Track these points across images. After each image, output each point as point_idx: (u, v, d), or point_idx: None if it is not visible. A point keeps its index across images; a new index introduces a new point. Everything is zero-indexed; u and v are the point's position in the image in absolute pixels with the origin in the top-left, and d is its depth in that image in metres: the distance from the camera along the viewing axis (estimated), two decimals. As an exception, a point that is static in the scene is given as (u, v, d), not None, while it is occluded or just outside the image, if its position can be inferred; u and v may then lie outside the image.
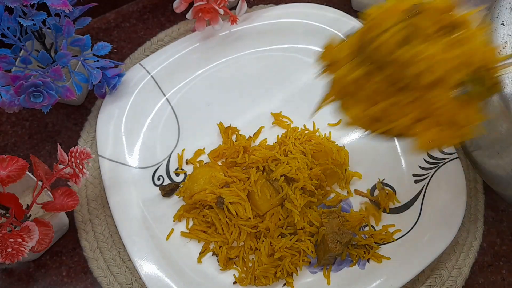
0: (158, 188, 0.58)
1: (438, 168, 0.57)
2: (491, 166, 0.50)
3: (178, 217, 0.56)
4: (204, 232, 0.55)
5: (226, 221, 0.54)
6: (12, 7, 0.50)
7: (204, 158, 0.60)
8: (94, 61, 0.57)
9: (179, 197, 0.57)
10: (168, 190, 0.57)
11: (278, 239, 0.53)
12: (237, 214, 0.53)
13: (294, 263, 0.53)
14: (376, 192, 0.58)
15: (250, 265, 0.53)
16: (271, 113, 0.62)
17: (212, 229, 0.55)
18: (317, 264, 0.54)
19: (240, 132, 0.61)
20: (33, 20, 0.52)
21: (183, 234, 0.56)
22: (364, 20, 0.39)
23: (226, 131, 0.61)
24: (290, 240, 0.52)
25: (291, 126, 0.61)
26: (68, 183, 0.55)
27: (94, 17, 0.69)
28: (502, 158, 0.46)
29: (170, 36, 0.69)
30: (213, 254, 0.55)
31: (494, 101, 0.45)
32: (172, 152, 0.61)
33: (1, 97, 0.50)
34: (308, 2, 0.70)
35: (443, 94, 0.37)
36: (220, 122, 0.62)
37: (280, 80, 0.65)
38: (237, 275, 0.53)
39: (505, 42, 0.44)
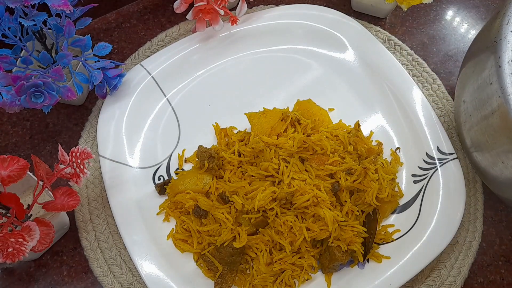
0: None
1: (437, 169, 0.57)
2: (494, 171, 0.49)
3: (161, 209, 0.57)
4: (185, 241, 0.55)
5: (198, 230, 0.54)
6: (13, 7, 0.50)
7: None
8: (95, 62, 0.57)
9: (165, 193, 0.57)
10: (162, 187, 0.57)
11: (278, 251, 0.53)
12: (237, 210, 0.54)
13: (294, 277, 0.53)
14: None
15: (248, 271, 0.53)
16: (271, 113, 0.62)
17: (190, 240, 0.55)
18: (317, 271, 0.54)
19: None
20: (34, 20, 0.52)
21: (174, 242, 0.55)
22: None
23: (221, 132, 0.61)
24: (292, 257, 0.52)
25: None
26: (69, 183, 0.55)
27: (94, 18, 0.70)
28: (506, 167, 0.46)
29: (170, 36, 0.69)
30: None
31: (499, 111, 0.44)
32: (172, 152, 0.61)
33: (2, 97, 0.50)
34: (308, 3, 0.71)
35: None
36: (216, 123, 0.62)
37: (280, 80, 0.65)
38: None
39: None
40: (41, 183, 0.48)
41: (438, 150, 0.58)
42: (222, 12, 0.60)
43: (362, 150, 0.57)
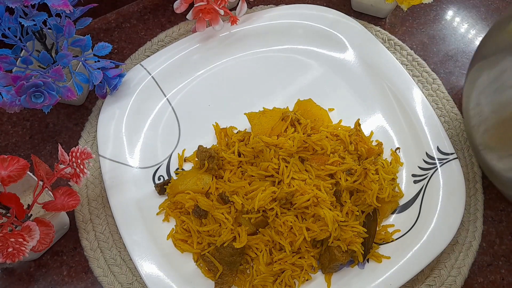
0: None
1: (437, 169, 0.57)
2: (500, 167, 0.49)
3: (161, 209, 0.57)
4: (185, 241, 0.55)
5: (198, 230, 0.54)
6: (13, 7, 0.50)
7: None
8: (95, 62, 0.57)
9: (165, 193, 0.57)
10: (161, 187, 0.57)
11: (278, 251, 0.53)
12: (237, 210, 0.54)
13: (294, 277, 0.53)
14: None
15: (248, 271, 0.53)
16: (271, 113, 0.62)
17: (190, 240, 0.55)
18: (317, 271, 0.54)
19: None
20: (34, 20, 0.52)
21: (173, 242, 0.55)
22: None
23: (221, 132, 0.61)
24: (292, 257, 0.52)
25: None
26: (69, 183, 0.55)
27: (94, 18, 0.70)
28: None
29: (170, 36, 0.69)
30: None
31: (509, 103, 0.43)
32: (172, 152, 0.61)
33: (2, 97, 0.51)
34: (308, 3, 0.71)
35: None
36: (216, 123, 0.62)
37: (280, 80, 0.65)
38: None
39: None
40: (41, 183, 0.48)
41: (438, 150, 0.58)
42: (222, 12, 0.60)
43: (362, 150, 0.57)
